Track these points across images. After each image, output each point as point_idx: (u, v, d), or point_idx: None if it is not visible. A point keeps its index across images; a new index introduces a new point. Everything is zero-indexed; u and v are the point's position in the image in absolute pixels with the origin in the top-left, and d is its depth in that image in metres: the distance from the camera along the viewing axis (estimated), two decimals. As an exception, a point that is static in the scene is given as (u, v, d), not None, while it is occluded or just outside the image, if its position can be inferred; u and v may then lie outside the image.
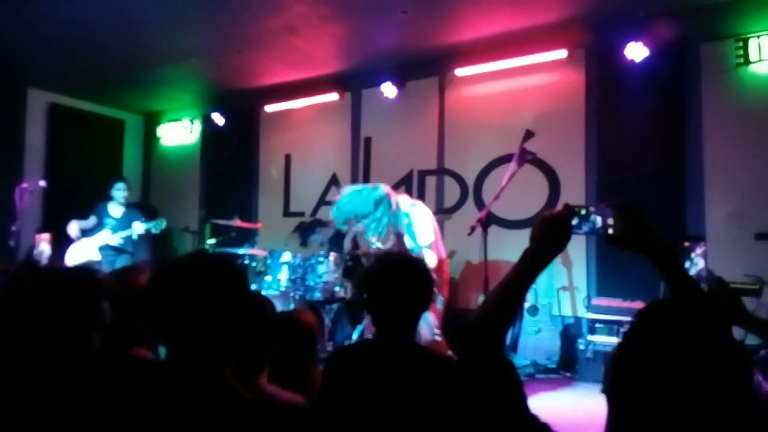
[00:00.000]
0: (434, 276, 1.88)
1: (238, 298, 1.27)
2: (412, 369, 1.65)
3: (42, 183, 5.96)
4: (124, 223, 5.78)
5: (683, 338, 0.94)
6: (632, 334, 1.01)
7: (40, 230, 4.95)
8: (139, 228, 5.68)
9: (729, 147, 4.94)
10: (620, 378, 0.99)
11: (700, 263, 3.87)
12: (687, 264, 3.86)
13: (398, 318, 1.73)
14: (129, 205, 6.08)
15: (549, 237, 1.20)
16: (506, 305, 1.17)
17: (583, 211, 1.26)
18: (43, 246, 5.49)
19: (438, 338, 3.95)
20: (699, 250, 3.91)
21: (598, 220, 1.26)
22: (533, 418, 1.11)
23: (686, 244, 4.03)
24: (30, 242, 7.17)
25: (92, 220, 5.90)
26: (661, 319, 0.99)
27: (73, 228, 5.72)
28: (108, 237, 5.75)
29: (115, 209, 5.93)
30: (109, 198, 5.94)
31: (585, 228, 1.26)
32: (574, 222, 1.26)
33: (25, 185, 5.59)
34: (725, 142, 4.96)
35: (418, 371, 1.64)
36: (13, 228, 5.42)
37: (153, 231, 5.77)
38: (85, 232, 5.81)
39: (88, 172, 8.14)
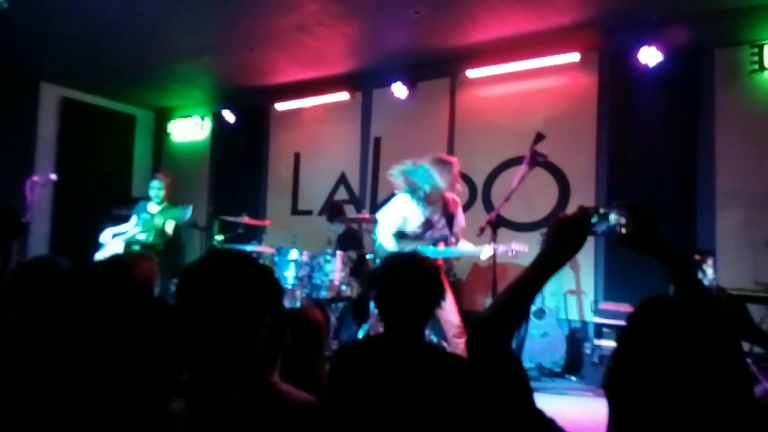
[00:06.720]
0: None
1: (269, 299, 1.24)
2: (420, 366, 1.65)
3: (53, 176, 5.96)
4: (158, 218, 5.72)
5: (680, 333, 0.94)
6: (630, 329, 1.01)
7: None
8: (168, 225, 5.60)
9: (741, 154, 4.89)
10: (618, 373, 1.00)
11: (710, 275, 3.84)
12: (698, 275, 3.83)
13: (407, 317, 1.73)
14: (168, 202, 5.98)
15: (563, 239, 1.20)
16: (517, 303, 1.19)
17: (602, 211, 1.23)
18: None
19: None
20: (709, 262, 3.88)
21: (614, 219, 1.22)
22: (539, 413, 1.13)
23: (696, 257, 4.00)
24: (39, 233, 7.19)
25: (132, 221, 5.94)
26: (658, 314, 1.00)
27: (106, 235, 5.77)
28: (132, 230, 5.76)
29: (153, 206, 5.93)
30: (148, 197, 6.00)
31: (603, 227, 1.23)
32: (594, 220, 1.23)
33: (36, 178, 5.59)
34: (738, 149, 4.91)
35: (425, 368, 1.64)
36: (23, 220, 5.44)
37: (178, 222, 5.62)
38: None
39: (98, 167, 8.22)
